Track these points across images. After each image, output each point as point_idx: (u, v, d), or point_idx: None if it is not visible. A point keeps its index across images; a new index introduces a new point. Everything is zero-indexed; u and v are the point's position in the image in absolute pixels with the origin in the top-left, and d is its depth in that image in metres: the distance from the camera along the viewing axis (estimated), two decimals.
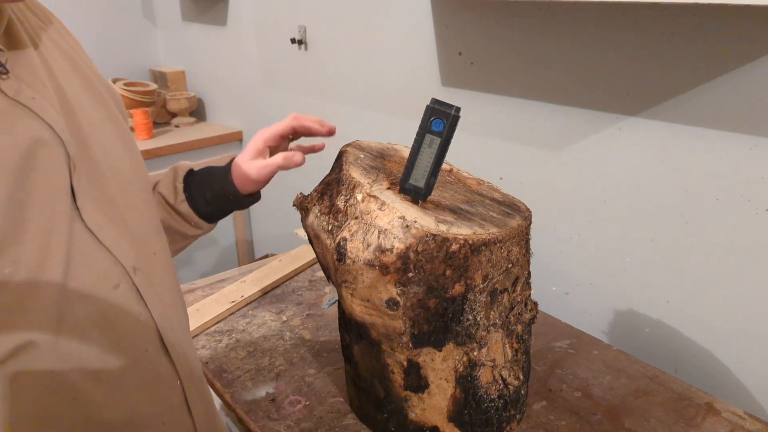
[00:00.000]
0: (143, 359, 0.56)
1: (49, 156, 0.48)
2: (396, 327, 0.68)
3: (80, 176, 0.51)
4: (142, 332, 0.56)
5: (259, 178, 0.74)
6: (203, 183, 0.76)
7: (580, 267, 1.20)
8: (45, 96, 0.50)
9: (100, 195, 0.53)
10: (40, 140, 0.47)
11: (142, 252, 0.58)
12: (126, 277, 0.54)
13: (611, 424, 0.83)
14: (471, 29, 1.25)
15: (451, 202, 0.73)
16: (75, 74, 0.57)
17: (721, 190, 0.95)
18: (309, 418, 0.83)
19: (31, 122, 0.47)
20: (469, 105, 1.31)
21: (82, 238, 0.50)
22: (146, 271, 0.57)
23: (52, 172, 0.48)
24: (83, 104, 0.55)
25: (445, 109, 0.64)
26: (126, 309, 0.54)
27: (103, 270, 0.52)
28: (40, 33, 0.55)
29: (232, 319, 1.10)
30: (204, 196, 0.76)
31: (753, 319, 0.97)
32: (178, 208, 0.75)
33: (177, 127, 2.32)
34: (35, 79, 0.50)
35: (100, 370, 0.52)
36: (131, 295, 0.55)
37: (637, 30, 0.98)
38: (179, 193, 0.75)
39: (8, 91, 0.46)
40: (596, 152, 1.11)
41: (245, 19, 1.98)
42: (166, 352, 0.59)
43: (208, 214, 0.77)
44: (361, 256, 0.65)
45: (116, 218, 0.55)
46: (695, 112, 0.95)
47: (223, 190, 0.75)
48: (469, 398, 0.73)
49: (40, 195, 0.47)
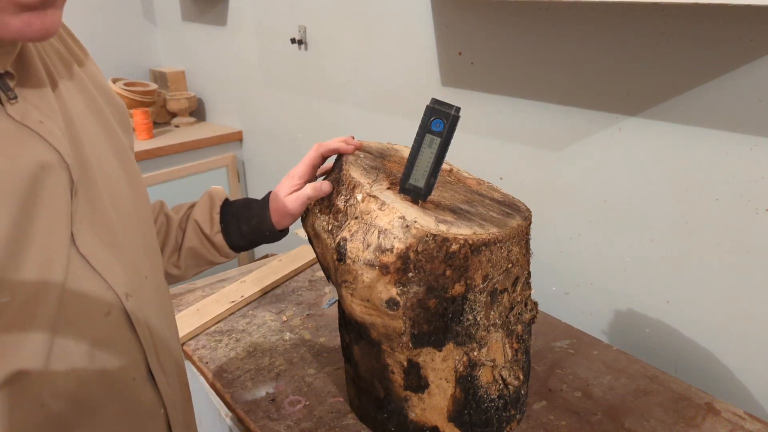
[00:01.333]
0: (128, 388, 0.56)
1: (54, 182, 0.48)
2: (396, 327, 0.68)
3: (79, 201, 0.51)
4: (130, 361, 0.56)
5: (294, 211, 0.75)
6: (240, 216, 0.76)
7: (580, 267, 1.20)
8: (53, 120, 0.49)
9: (96, 218, 0.53)
10: (47, 165, 0.47)
11: (135, 276, 0.57)
12: (118, 304, 0.53)
13: (611, 424, 0.83)
14: (471, 29, 1.25)
15: (451, 202, 0.73)
16: (81, 95, 0.56)
17: (721, 190, 0.95)
18: (309, 418, 0.83)
19: (38, 146, 0.47)
20: (469, 105, 1.31)
21: (75, 263, 0.50)
22: (138, 297, 0.56)
23: (55, 199, 0.48)
24: (86, 124, 0.55)
25: (445, 109, 0.64)
26: (116, 337, 0.53)
27: (95, 297, 0.51)
28: (50, 53, 0.54)
29: (232, 319, 1.10)
30: (240, 229, 0.76)
31: (753, 319, 0.97)
32: (213, 239, 0.75)
33: (177, 127, 2.32)
34: (44, 102, 0.49)
35: (84, 399, 0.51)
36: (122, 322, 0.54)
37: (637, 30, 0.98)
38: (215, 224, 0.75)
39: (15, 115, 0.46)
40: (596, 152, 1.11)
41: (245, 19, 1.98)
42: (153, 380, 0.58)
43: (239, 246, 0.77)
44: (361, 256, 0.65)
45: (110, 241, 0.54)
46: (695, 112, 0.95)
47: (260, 225, 0.76)
48: (469, 398, 0.73)
49: (43, 222, 0.47)
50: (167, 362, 0.62)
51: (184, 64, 2.43)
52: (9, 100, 0.46)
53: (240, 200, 0.79)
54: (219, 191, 0.79)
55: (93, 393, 0.52)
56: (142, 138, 2.10)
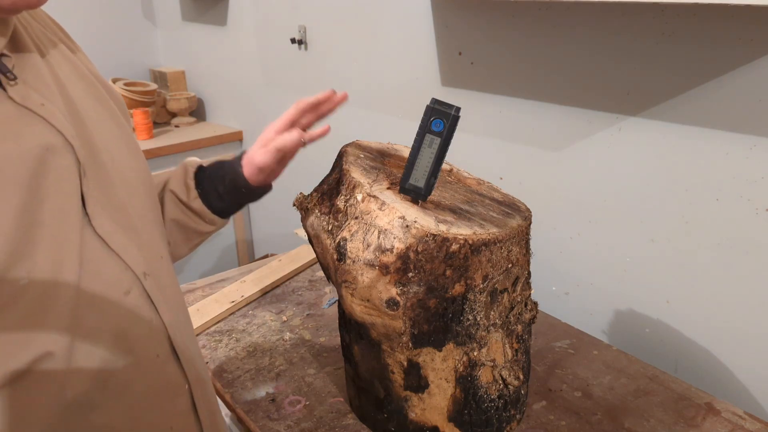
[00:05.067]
0: (153, 365, 0.56)
1: (60, 163, 0.48)
2: (396, 327, 0.68)
3: (90, 182, 0.51)
4: (154, 338, 0.56)
5: (263, 163, 0.73)
6: (214, 177, 0.75)
7: (580, 267, 1.20)
8: (53, 102, 0.49)
9: (108, 201, 0.53)
10: (51, 147, 0.47)
11: (151, 257, 0.58)
12: (137, 283, 0.54)
13: (611, 424, 0.83)
14: (471, 29, 1.25)
15: (451, 202, 0.73)
16: (79, 79, 0.56)
17: (721, 190, 0.95)
18: (309, 418, 0.83)
19: (41, 128, 0.47)
20: (469, 105, 1.30)
21: (92, 245, 0.50)
22: (155, 276, 0.57)
23: (64, 180, 0.48)
24: (89, 109, 0.55)
25: (445, 109, 0.64)
26: (138, 315, 0.54)
27: (114, 276, 0.52)
28: (43, 39, 0.54)
29: (232, 319, 1.10)
30: (216, 191, 0.75)
31: (753, 319, 0.97)
32: (192, 205, 0.74)
33: (177, 127, 2.32)
34: (43, 85, 0.49)
35: (108, 377, 0.51)
36: (142, 300, 0.54)
37: (637, 30, 0.98)
38: (191, 190, 0.74)
39: (16, 97, 0.46)
40: (596, 152, 1.11)
41: (245, 19, 1.98)
42: (176, 357, 0.59)
43: (221, 209, 0.76)
44: (361, 256, 0.65)
45: (125, 224, 0.55)
46: (695, 112, 0.95)
47: (234, 182, 0.74)
48: (469, 398, 0.73)
49: (52, 203, 0.47)
50: (188, 339, 0.62)
51: (184, 64, 2.43)
52: (9, 81, 0.46)
53: (213, 162, 0.77)
54: (193, 161, 0.78)
55: (118, 372, 0.52)
56: (142, 138, 2.10)
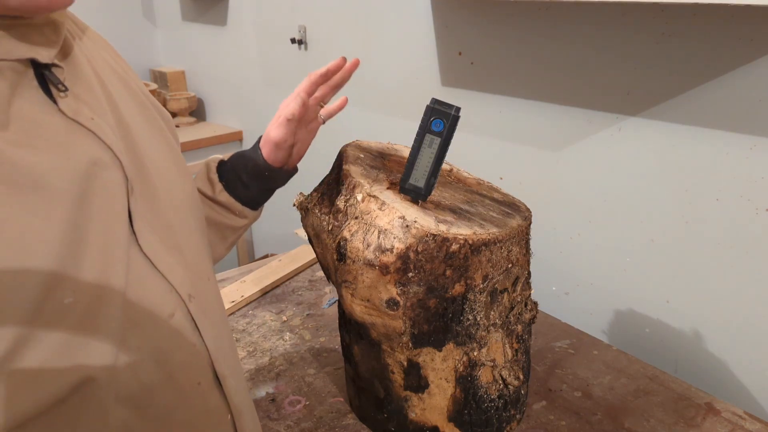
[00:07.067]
0: (195, 393, 0.53)
1: (108, 179, 0.46)
2: (396, 327, 0.68)
3: (137, 200, 0.49)
4: (196, 364, 0.53)
5: (278, 138, 0.72)
6: (237, 167, 0.74)
7: (580, 267, 1.20)
8: (103, 116, 0.48)
9: (155, 219, 0.51)
10: (99, 162, 0.45)
11: (197, 278, 0.55)
12: (181, 305, 0.51)
13: (611, 424, 0.83)
14: (471, 29, 1.25)
15: (451, 202, 0.73)
16: (129, 96, 0.55)
17: (721, 190, 0.95)
18: (309, 418, 0.83)
19: (90, 143, 0.45)
20: (469, 105, 1.30)
21: (138, 264, 0.48)
22: (200, 299, 0.54)
23: (112, 196, 0.46)
24: (138, 126, 0.53)
25: (445, 109, 0.64)
26: (181, 339, 0.51)
27: (158, 298, 0.49)
28: (93, 53, 0.53)
29: (232, 319, 1.10)
30: (241, 180, 0.73)
31: (753, 319, 0.97)
32: (219, 199, 0.73)
33: (177, 127, 2.32)
34: (93, 98, 0.48)
35: (149, 406, 0.48)
36: (186, 324, 0.52)
37: (637, 30, 0.98)
38: (216, 184, 0.73)
39: (67, 111, 0.44)
40: (596, 152, 1.11)
41: (245, 19, 1.98)
42: (219, 384, 0.56)
43: (249, 199, 0.75)
44: (361, 256, 0.65)
45: (171, 243, 0.52)
46: (695, 112, 0.95)
47: (256, 167, 0.73)
48: (469, 398, 0.73)
49: (100, 220, 0.45)
50: (232, 365, 0.59)
51: (184, 64, 2.43)
52: (59, 93, 0.44)
53: (233, 154, 0.77)
54: (214, 158, 0.77)
55: (158, 399, 0.49)
56: None
